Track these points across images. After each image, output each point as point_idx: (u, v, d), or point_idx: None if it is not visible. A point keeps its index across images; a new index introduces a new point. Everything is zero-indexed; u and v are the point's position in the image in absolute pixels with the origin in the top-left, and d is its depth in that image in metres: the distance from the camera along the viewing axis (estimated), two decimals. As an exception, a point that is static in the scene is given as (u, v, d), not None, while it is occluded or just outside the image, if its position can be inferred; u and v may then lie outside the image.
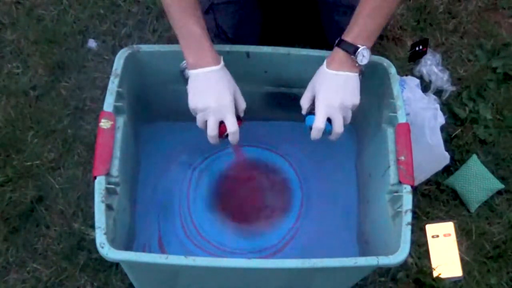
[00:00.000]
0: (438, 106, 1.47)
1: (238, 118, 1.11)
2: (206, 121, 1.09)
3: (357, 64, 1.06)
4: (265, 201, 1.34)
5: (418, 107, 1.42)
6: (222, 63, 1.09)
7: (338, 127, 1.07)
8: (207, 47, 1.07)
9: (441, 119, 1.45)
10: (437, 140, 1.43)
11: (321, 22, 1.49)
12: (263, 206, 1.34)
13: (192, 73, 1.08)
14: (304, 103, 1.11)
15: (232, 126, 1.08)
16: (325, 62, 1.09)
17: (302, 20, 1.57)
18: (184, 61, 1.10)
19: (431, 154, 1.44)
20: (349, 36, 1.06)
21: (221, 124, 1.09)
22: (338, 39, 1.07)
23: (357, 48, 1.04)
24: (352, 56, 1.05)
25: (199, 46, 1.07)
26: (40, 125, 1.54)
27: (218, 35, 1.46)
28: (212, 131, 1.08)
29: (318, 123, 1.07)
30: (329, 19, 1.44)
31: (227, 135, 1.10)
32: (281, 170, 1.37)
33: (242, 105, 1.12)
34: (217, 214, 1.31)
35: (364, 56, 1.05)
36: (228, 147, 1.36)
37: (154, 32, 1.68)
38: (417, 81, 1.51)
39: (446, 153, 1.46)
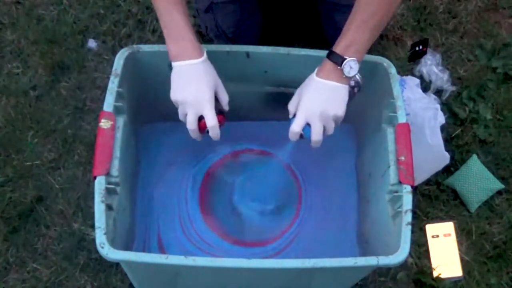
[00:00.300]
0: (438, 106, 1.47)
1: (221, 113, 1.10)
2: (185, 115, 1.08)
3: (344, 76, 1.05)
4: (264, 201, 1.34)
5: (418, 107, 1.42)
6: (204, 56, 1.07)
7: (316, 134, 1.06)
8: (189, 39, 1.06)
9: (441, 119, 1.45)
10: (437, 140, 1.43)
11: (321, 21, 1.49)
12: (263, 206, 1.34)
13: (174, 65, 1.06)
14: (291, 107, 1.10)
15: (210, 120, 1.06)
16: (315, 70, 1.08)
17: (302, 20, 1.57)
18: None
19: (431, 154, 1.44)
20: (337, 48, 1.05)
21: (202, 119, 1.08)
22: (329, 50, 1.06)
23: (344, 59, 1.03)
24: (339, 68, 1.04)
25: (181, 37, 1.05)
26: (40, 125, 1.54)
27: (218, 35, 1.46)
28: (190, 125, 1.07)
29: (294, 126, 1.07)
30: (328, 19, 1.44)
31: (208, 130, 1.09)
32: (281, 171, 1.37)
33: (225, 99, 1.10)
34: (217, 215, 1.31)
35: (351, 67, 1.04)
36: (229, 148, 1.37)
37: (154, 32, 1.68)
38: (417, 80, 1.51)
39: (446, 153, 1.46)
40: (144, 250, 1.25)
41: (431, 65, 1.63)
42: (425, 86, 1.63)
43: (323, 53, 1.19)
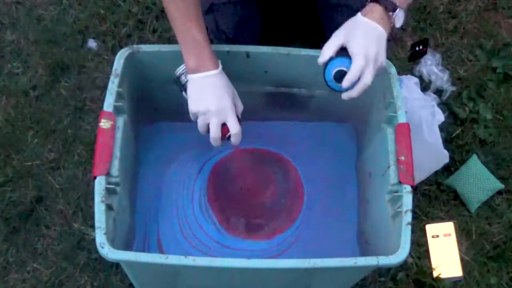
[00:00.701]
0: (435, 104, 1.47)
1: (238, 119, 1.12)
2: (207, 125, 1.10)
3: (392, 24, 1.01)
4: (265, 202, 1.34)
5: (415, 106, 1.42)
6: (220, 67, 1.10)
7: (368, 77, 0.98)
8: (208, 53, 1.08)
9: (439, 117, 1.45)
10: (436, 137, 1.43)
11: (321, 22, 1.49)
12: (263, 206, 1.34)
13: (192, 77, 1.09)
14: (329, 48, 1.01)
15: (234, 127, 1.09)
16: (359, 14, 1.03)
17: (302, 20, 1.57)
18: (180, 67, 1.12)
19: (430, 152, 1.43)
20: None
21: (223, 126, 1.10)
22: None
23: (396, 7, 0.99)
24: (390, 13, 1.00)
25: (200, 52, 1.08)
26: (40, 125, 1.54)
27: (218, 36, 1.46)
28: (215, 133, 1.10)
29: (357, 64, 0.97)
30: (329, 21, 1.44)
31: (228, 137, 1.11)
32: (281, 170, 1.37)
33: (240, 107, 1.13)
34: (217, 215, 1.31)
35: (399, 17, 1.00)
36: (229, 147, 1.37)
37: (154, 32, 1.68)
38: (416, 79, 1.51)
39: (445, 151, 1.46)
40: (143, 250, 1.25)
41: (431, 65, 1.63)
42: (425, 86, 1.63)
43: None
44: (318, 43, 1.44)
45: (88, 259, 1.39)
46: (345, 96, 1.03)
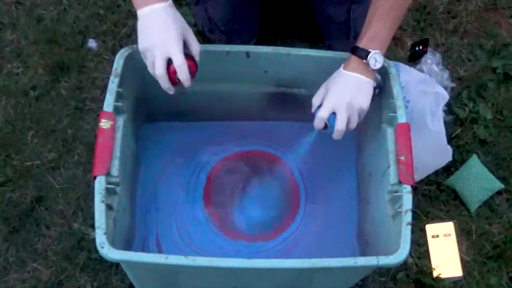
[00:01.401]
0: (439, 88, 1.45)
1: (192, 60, 1.05)
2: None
3: (370, 69, 1.08)
4: (264, 202, 1.34)
5: (417, 92, 1.40)
6: (170, 1, 1.04)
7: (341, 123, 1.08)
8: None
9: (444, 95, 1.43)
10: (439, 125, 1.41)
11: (314, 15, 1.48)
12: (262, 207, 1.34)
13: (139, 13, 1.04)
14: (316, 100, 1.12)
15: (177, 60, 1.01)
16: (342, 65, 1.11)
17: (298, 14, 1.57)
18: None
19: (433, 142, 1.41)
20: (361, 42, 1.09)
21: (170, 65, 1.03)
22: (353, 46, 1.09)
23: (369, 52, 1.07)
24: (365, 61, 1.07)
25: None
26: (40, 125, 1.54)
27: (211, 29, 1.45)
28: (158, 69, 1.02)
29: (321, 112, 1.09)
30: (321, 13, 1.44)
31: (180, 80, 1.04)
32: (281, 170, 1.37)
33: (195, 46, 1.06)
34: (215, 216, 1.31)
35: (376, 60, 1.07)
36: (224, 150, 1.37)
37: (154, 32, 1.68)
38: (409, 67, 1.50)
39: (449, 146, 1.46)
40: (143, 250, 1.25)
41: (431, 64, 1.63)
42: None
43: (323, 53, 1.20)
44: (318, 42, 1.45)
45: (88, 259, 1.39)
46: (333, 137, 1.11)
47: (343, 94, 1.08)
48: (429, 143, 1.41)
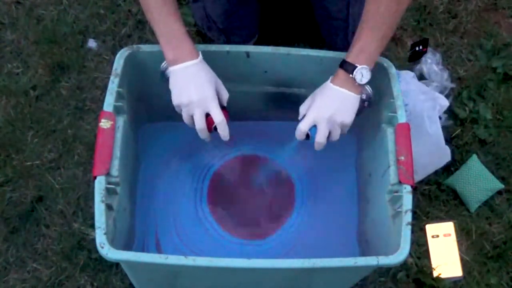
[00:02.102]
0: (438, 95, 1.46)
1: (224, 108, 1.11)
2: (191, 116, 1.09)
3: (356, 84, 1.08)
4: (264, 202, 1.34)
5: (416, 95, 1.42)
6: (200, 56, 1.09)
7: (320, 136, 1.09)
8: (187, 43, 1.08)
9: (444, 102, 1.45)
10: (437, 129, 1.42)
11: (313, 11, 1.48)
12: (263, 206, 1.34)
13: (173, 69, 1.08)
14: (303, 109, 1.14)
15: (217, 116, 1.08)
16: (330, 78, 1.11)
17: (299, 12, 1.56)
18: (164, 62, 1.11)
19: (432, 145, 1.43)
20: (349, 57, 1.08)
21: (208, 117, 1.09)
22: (342, 60, 1.09)
23: (355, 67, 1.06)
24: (351, 76, 1.07)
25: (178, 43, 1.08)
26: (40, 125, 1.54)
27: (210, 27, 1.44)
28: (199, 124, 1.09)
29: (302, 124, 1.11)
30: (321, 9, 1.44)
31: (215, 128, 1.11)
32: (281, 170, 1.37)
33: (225, 95, 1.12)
34: (215, 216, 1.31)
35: (363, 75, 1.07)
36: (228, 151, 1.37)
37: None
38: (412, 73, 1.51)
39: (447, 147, 1.46)
40: (143, 250, 1.25)
41: (431, 63, 1.63)
42: (425, 84, 1.63)
43: (323, 53, 1.20)
44: (318, 41, 1.45)
45: (88, 259, 1.39)
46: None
47: (326, 108, 1.08)
48: (428, 145, 1.41)
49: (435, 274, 1.43)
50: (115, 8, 1.71)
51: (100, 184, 1.02)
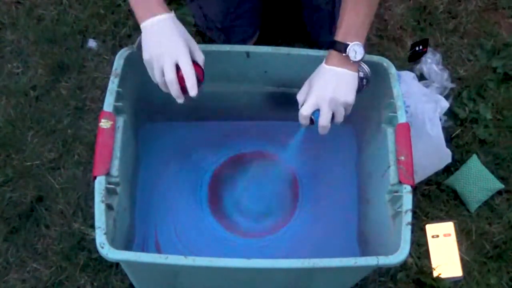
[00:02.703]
0: (439, 97, 1.46)
1: (197, 66, 1.05)
2: (162, 71, 1.03)
3: (351, 61, 1.06)
4: (264, 202, 1.34)
5: (417, 100, 1.42)
6: (172, 12, 1.05)
7: (324, 120, 1.07)
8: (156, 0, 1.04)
9: (444, 103, 1.45)
10: (438, 131, 1.42)
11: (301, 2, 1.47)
12: (263, 206, 1.34)
13: (143, 25, 1.03)
14: (300, 96, 1.11)
15: (186, 65, 1.01)
16: (324, 60, 1.10)
17: (288, 5, 1.55)
18: (140, 36, 1.06)
19: (432, 146, 1.42)
20: (338, 36, 1.07)
21: (179, 72, 1.02)
22: (331, 40, 1.08)
23: (347, 45, 1.05)
24: (344, 54, 1.06)
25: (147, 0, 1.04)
26: (40, 125, 1.54)
27: (209, 27, 1.43)
28: (169, 74, 1.02)
29: (303, 109, 1.08)
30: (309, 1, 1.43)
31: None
32: (280, 170, 1.37)
33: (199, 56, 1.06)
34: (215, 216, 1.31)
35: (356, 52, 1.06)
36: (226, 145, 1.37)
37: (154, 32, 1.68)
38: (413, 74, 1.51)
39: (448, 150, 1.46)
40: (143, 250, 1.25)
41: (431, 63, 1.63)
42: (425, 84, 1.63)
43: (323, 53, 1.20)
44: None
45: (88, 259, 1.39)
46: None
47: (326, 89, 1.06)
48: (429, 147, 1.41)
49: (435, 274, 1.43)
50: (115, 8, 1.71)
51: (100, 184, 1.03)
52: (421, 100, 1.43)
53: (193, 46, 1.05)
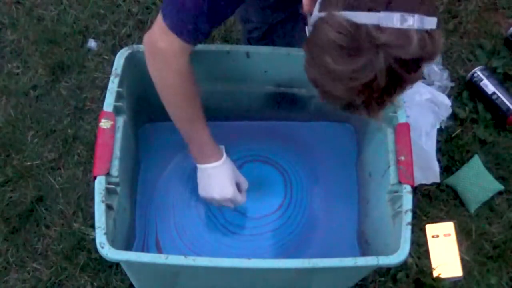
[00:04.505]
0: (442, 97, 1.46)
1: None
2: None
3: None
4: (264, 202, 1.34)
5: (419, 112, 1.43)
6: (224, 156, 1.17)
7: None
8: (211, 148, 1.16)
9: (446, 101, 1.45)
10: (431, 145, 1.44)
11: None
12: (263, 207, 1.34)
13: (199, 167, 1.18)
14: None
15: (229, 206, 1.20)
16: None
17: None
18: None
19: (423, 160, 1.43)
20: None
21: None
22: None
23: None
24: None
25: (204, 149, 1.16)
26: (40, 125, 1.54)
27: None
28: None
29: None
30: None
31: None
32: (281, 170, 1.37)
33: (245, 184, 1.23)
34: (215, 215, 1.31)
35: None
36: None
37: (154, 32, 1.68)
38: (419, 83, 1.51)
39: (437, 165, 1.46)
40: (143, 250, 1.25)
41: (431, 64, 1.63)
42: (425, 84, 1.63)
43: (323, 53, 1.19)
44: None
45: (88, 259, 1.39)
46: None
47: None
48: (420, 159, 1.41)
49: (435, 274, 1.43)
50: (115, 8, 1.71)
51: (100, 184, 1.02)
52: (422, 112, 1.43)
53: (240, 179, 1.22)
